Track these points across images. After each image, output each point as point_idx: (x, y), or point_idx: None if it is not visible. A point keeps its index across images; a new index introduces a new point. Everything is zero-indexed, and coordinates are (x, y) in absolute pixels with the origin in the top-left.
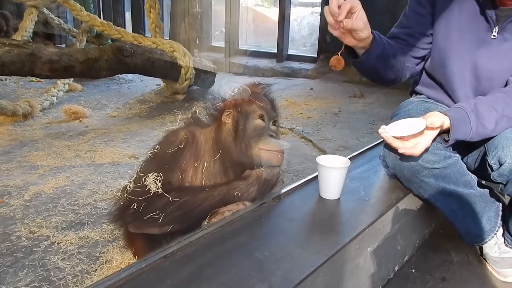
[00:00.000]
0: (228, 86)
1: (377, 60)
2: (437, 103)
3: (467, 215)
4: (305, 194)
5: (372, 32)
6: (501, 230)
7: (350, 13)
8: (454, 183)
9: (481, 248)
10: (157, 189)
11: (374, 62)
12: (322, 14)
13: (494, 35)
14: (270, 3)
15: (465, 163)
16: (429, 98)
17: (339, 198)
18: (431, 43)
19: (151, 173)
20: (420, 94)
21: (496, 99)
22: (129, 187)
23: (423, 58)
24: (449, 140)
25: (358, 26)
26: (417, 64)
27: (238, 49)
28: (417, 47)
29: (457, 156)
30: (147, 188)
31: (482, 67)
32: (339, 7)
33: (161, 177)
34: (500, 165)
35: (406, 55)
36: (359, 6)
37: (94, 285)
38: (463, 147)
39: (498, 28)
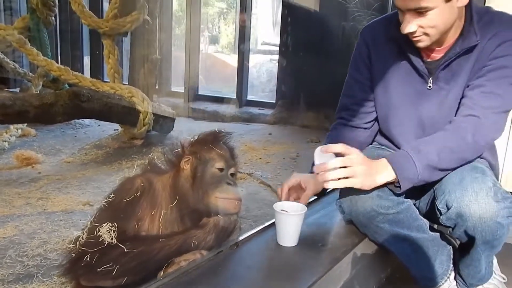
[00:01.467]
0: (187, 133)
1: None
2: (390, 149)
3: (421, 259)
4: (263, 241)
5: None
6: (453, 274)
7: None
8: (407, 228)
9: None
10: (111, 239)
11: None
12: (279, 61)
13: (429, 86)
14: (230, 49)
15: (417, 208)
16: (381, 145)
17: (296, 245)
18: None
19: (105, 223)
20: (374, 142)
21: (434, 135)
22: (82, 237)
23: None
24: (400, 186)
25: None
26: (372, 125)
27: (197, 94)
28: (366, 113)
29: (409, 202)
30: (100, 239)
31: (425, 117)
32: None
33: (115, 226)
34: (448, 209)
35: (360, 131)
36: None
37: None
38: (417, 191)
39: (432, 79)
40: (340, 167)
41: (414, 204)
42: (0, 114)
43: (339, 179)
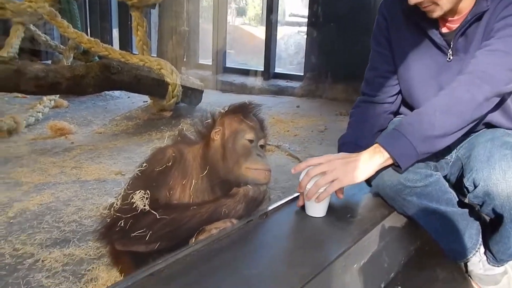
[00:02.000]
0: (215, 105)
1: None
2: None
3: (449, 233)
4: (292, 212)
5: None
6: (483, 248)
7: None
8: (436, 201)
9: (466, 265)
10: (144, 206)
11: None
12: (308, 33)
13: (449, 58)
14: (257, 22)
15: (447, 181)
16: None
17: (324, 216)
18: None
19: (139, 191)
20: (400, 114)
21: (427, 103)
22: (116, 204)
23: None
24: (397, 163)
25: None
26: (396, 99)
27: (225, 66)
28: (390, 86)
29: (438, 175)
30: (134, 206)
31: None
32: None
33: (148, 194)
34: (475, 187)
35: (384, 107)
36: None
37: None
38: (445, 163)
39: (451, 50)
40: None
41: (445, 177)
42: (34, 86)
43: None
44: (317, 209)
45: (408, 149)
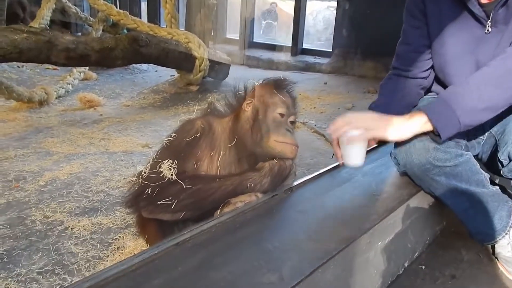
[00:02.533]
0: (242, 80)
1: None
2: None
3: (478, 214)
4: (317, 188)
5: None
6: None
7: None
8: (465, 182)
9: (493, 247)
10: (172, 175)
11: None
12: (337, 8)
13: (488, 30)
14: None
15: (478, 160)
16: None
17: (350, 194)
18: None
19: (167, 160)
20: (431, 92)
21: (475, 74)
22: (145, 172)
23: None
24: (439, 134)
25: None
26: (429, 74)
27: (252, 41)
28: (423, 60)
29: (469, 155)
30: (161, 175)
31: (483, 63)
32: None
33: (176, 164)
34: (510, 160)
35: (416, 82)
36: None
37: (107, 269)
38: (476, 143)
39: (490, 22)
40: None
41: (476, 156)
42: (64, 57)
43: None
44: (353, 156)
45: (451, 119)
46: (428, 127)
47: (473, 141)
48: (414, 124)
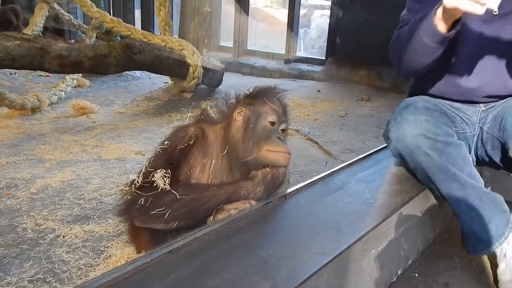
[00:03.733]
0: (236, 88)
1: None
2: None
3: (472, 211)
4: (310, 195)
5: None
6: (511, 249)
7: None
8: (458, 167)
9: (495, 273)
10: (165, 185)
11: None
12: (331, 17)
13: (495, 11)
14: (279, 4)
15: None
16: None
17: (342, 202)
18: None
19: (160, 169)
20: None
21: None
22: (137, 181)
23: None
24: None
25: None
26: None
27: (246, 49)
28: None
29: (461, 143)
30: (155, 184)
31: (491, 44)
32: None
33: (169, 173)
34: None
35: None
36: None
37: (99, 277)
38: (463, 138)
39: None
40: None
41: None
42: (57, 64)
43: None
44: None
45: None
46: None
47: (461, 135)
48: None
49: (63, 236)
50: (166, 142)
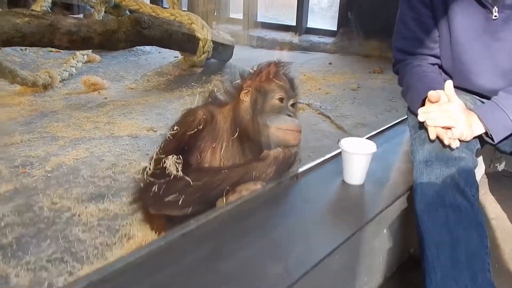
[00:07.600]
0: (246, 61)
1: None
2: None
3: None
4: (322, 175)
5: None
6: None
7: None
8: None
9: None
10: (177, 171)
11: None
12: None
13: (495, 16)
14: None
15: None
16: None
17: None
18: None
19: (171, 156)
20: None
21: None
22: (149, 169)
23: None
24: (492, 137)
25: None
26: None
27: (256, 21)
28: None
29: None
30: (167, 170)
31: (494, 50)
32: None
33: (180, 159)
34: None
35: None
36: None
37: (113, 262)
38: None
39: (497, 7)
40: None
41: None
42: (67, 40)
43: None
44: (355, 177)
45: (503, 122)
46: (483, 130)
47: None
48: (476, 126)
49: (79, 215)
50: (175, 127)
